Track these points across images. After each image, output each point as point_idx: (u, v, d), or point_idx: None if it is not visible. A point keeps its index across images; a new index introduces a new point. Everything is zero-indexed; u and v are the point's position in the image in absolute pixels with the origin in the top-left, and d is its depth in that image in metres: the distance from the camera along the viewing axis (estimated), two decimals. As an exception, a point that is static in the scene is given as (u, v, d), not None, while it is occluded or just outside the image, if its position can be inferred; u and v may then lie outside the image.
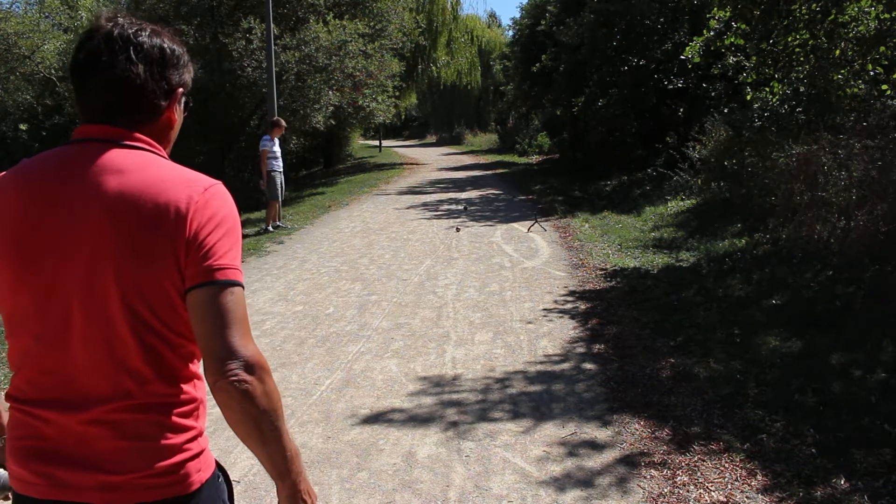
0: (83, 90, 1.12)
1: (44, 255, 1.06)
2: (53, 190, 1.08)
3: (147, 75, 1.12)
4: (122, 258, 1.05)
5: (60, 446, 1.06)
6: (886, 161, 5.25)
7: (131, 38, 1.12)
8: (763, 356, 3.91)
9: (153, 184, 1.08)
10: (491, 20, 38.03)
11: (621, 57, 12.52)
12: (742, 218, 7.29)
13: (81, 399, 1.06)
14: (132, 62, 1.11)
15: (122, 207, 1.06)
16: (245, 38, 13.25)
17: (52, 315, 1.07)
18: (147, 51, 1.14)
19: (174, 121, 1.21)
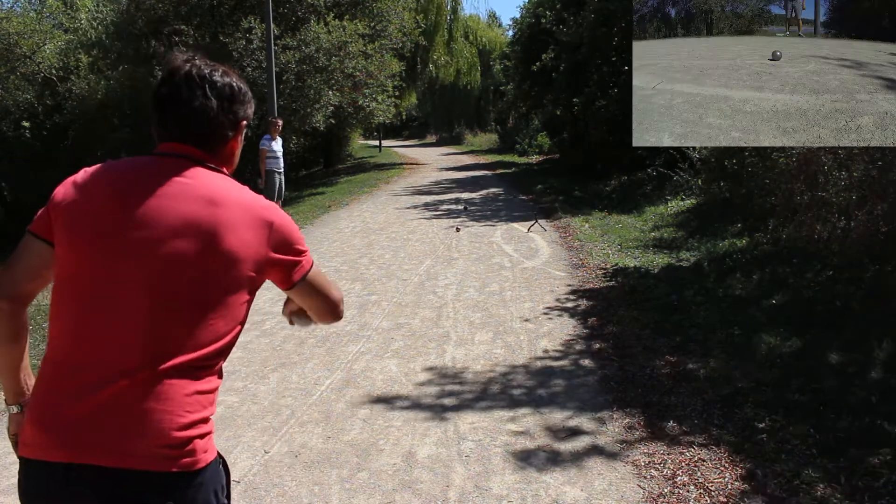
0: (163, 121, 1.33)
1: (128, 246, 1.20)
2: (145, 194, 1.23)
3: (219, 109, 1.31)
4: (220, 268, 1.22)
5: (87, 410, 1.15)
6: (886, 161, 5.24)
7: (207, 77, 1.31)
8: (763, 356, 3.91)
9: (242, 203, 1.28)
10: (491, 20, 38.02)
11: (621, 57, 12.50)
12: (742, 218, 7.29)
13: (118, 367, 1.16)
14: (207, 97, 1.29)
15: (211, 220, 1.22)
16: (245, 38, 13.25)
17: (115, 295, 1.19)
18: (220, 88, 1.31)
19: (237, 149, 1.40)
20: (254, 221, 1.26)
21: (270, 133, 9.68)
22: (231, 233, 1.22)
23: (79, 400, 1.15)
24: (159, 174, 1.26)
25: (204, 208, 1.23)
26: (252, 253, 1.25)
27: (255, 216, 1.27)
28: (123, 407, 1.15)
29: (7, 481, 2.90)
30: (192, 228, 1.21)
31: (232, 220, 1.23)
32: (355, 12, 16.00)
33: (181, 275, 1.20)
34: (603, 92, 12.44)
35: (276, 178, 9.71)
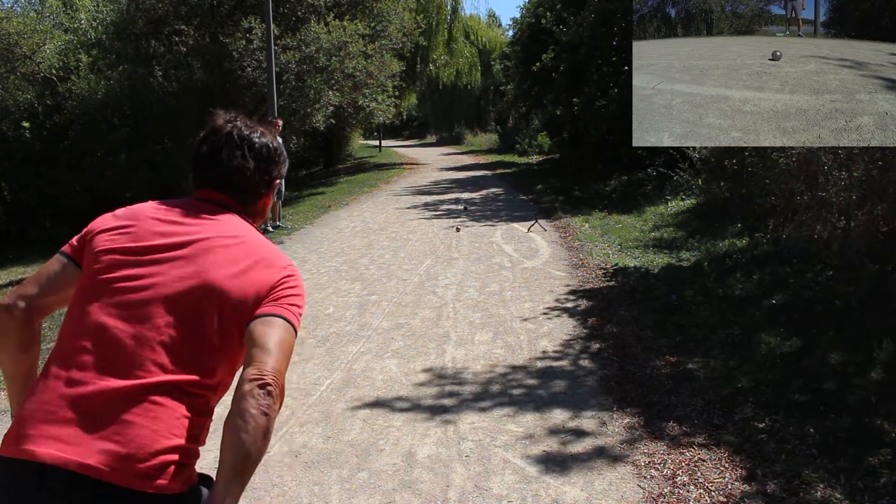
0: (203, 176, 1.42)
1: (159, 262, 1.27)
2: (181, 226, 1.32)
3: (255, 170, 1.41)
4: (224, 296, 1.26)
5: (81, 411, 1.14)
6: (886, 161, 5.24)
7: (246, 138, 1.40)
8: (763, 356, 3.91)
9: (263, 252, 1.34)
10: (491, 20, 38.01)
11: (621, 57, 12.50)
12: (742, 218, 7.28)
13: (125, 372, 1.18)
14: (246, 158, 1.39)
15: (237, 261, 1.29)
16: (245, 38, 13.25)
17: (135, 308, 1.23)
18: (258, 150, 1.41)
19: (268, 205, 1.50)
20: (272, 271, 1.31)
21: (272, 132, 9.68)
22: (252, 278, 1.28)
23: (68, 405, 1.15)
24: (198, 211, 1.36)
25: (233, 250, 1.30)
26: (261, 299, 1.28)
27: (275, 268, 1.32)
28: (113, 416, 1.14)
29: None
30: (219, 265, 1.27)
31: (256, 267, 1.29)
32: (355, 12, 15.99)
33: (199, 302, 1.23)
34: (603, 92, 12.43)
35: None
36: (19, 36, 14.20)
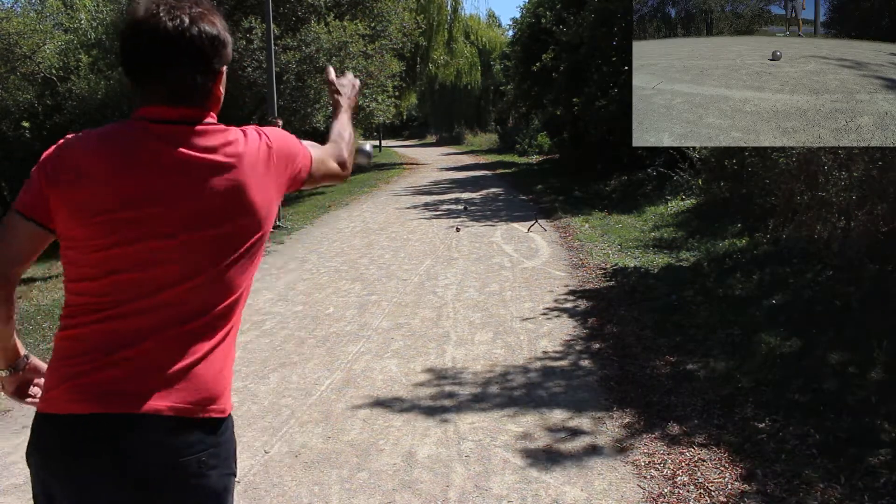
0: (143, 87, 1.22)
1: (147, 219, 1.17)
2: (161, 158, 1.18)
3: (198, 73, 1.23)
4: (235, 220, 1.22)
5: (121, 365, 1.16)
6: (886, 161, 5.24)
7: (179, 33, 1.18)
8: (763, 356, 3.91)
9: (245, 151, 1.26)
10: (491, 20, 38.00)
11: (621, 57, 12.50)
12: (742, 218, 7.28)
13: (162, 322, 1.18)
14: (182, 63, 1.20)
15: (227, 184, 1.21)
16: (245, 38, 13.25)
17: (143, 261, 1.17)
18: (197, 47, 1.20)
19: (221, 94, 1.30)
20: (260, 159, 1.24)
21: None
22: (248, 185, 1.21)
23: (115, 356, 1.16)
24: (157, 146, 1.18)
25: (212, 174, 1.19)
26: (268, 195, 1.25)
27: (259, 153, 1.24)
28: (161, 360, 1.17)
29: (7, 481, 2.90)
30: (207, 195, 1.18)
31: (243, 172, 1.21)
32: (355, 12, 16.00)
33: (205, 239, 1.19)
34: (603, 92, 12.43)
35: None
36: (19, 36, 14.21)
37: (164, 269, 1.17)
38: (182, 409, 1.16)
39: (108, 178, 1.16)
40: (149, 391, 1.14)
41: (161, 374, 1.16)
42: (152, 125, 1.19)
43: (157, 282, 1.17)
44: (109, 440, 1.13)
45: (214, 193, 1.18)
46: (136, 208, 1.16)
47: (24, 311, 5.90)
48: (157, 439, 1.14)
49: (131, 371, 1.15)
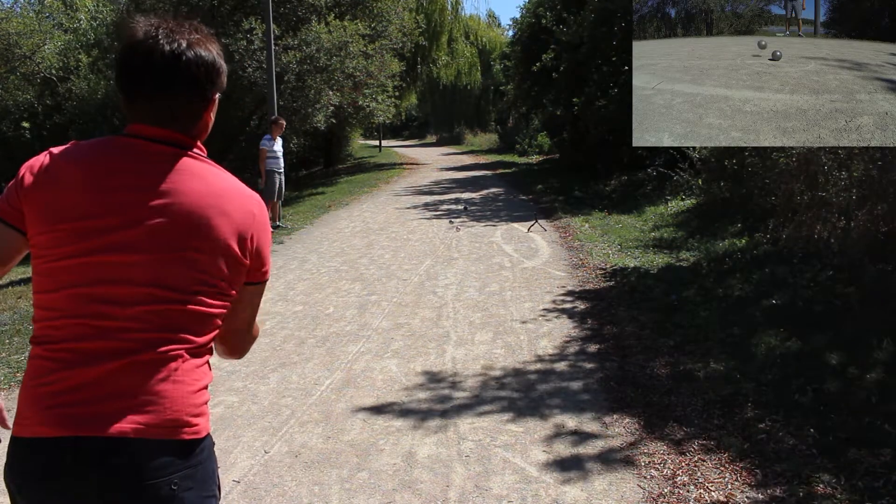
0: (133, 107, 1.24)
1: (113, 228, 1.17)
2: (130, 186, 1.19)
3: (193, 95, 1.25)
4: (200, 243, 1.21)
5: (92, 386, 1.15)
6: (886, 161, 5.24)
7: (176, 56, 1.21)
8: (763, 356, 3.91)
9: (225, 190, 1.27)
10: (491, 20, 38.01)
11: (621, 57, 12.51)
12: (742, 218, 7.28)
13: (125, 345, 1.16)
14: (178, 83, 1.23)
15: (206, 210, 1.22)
16: (246, 39, 13.25)
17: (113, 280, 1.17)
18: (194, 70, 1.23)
19: (210, 122, 1.31)
20: (242, 209, 1.25)
21: (272, 133, 9.65)
22: (220, 219, 1.21)
23: (82, 378, 1.15)
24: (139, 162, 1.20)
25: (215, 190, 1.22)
26: (238, 239, 1.24)
27: (243, 204, 1.26)
28: (128, 382, 1.15)
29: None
30: (181, 218, 1.18)
31: (220, 208, 1.22)
32: (356, 12, 16.00)
33: (176, 262, 1.18)
34: (603, 92, 12.43)
35: (277, 178, 9.69)
36: (19, 36, 14.22)
37: (129, 288, 1.16)
38: (150, 432, 1.14)
39: (81, 187, 1.16)
40: (117, 413, 1.13)
41: (130, 396, 1.15)
42: (137, 141, 1.20)
43: (121, 299, 1.16)
44: (79, 463, 1.12)
45: (185, 217, 1.18)
46: (103, 220, 1.15)
47: (24, 311, 5.90)
48: (126, 462, 1.13)
49: (99, 392, 1.14)
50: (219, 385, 3.90)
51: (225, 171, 1.28)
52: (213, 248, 1.20)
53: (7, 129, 14.23)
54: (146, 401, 1.15)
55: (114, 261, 1.16)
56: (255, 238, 1.27)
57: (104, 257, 1.16)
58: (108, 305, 1.16)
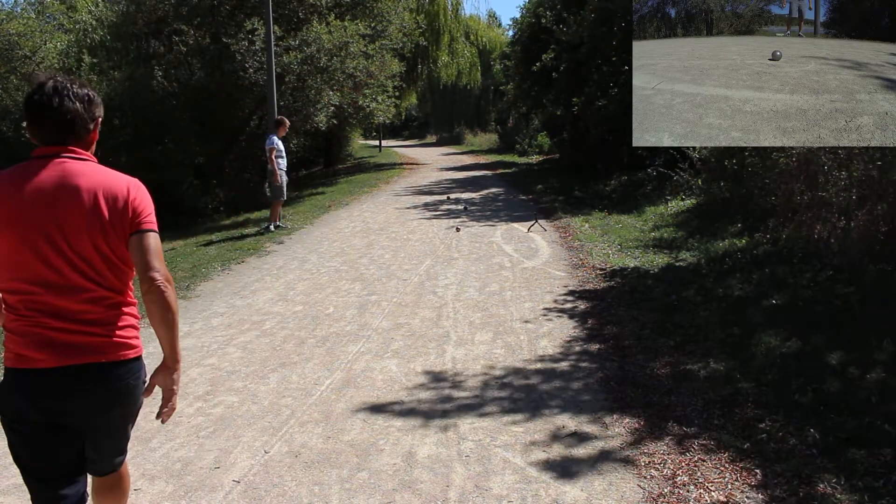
0: (41, 126, 1.88)
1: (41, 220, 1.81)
2: (46, 182, 1.83)
3: (82, 110, 1.89)
4: (94, 221, 1.83)
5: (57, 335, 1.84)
6: (886, 161, 5.24)
7: (68, 88, 1.86)
8: (763, 356, 3.91)
9: (102, 181, 1.87)
10: (491, 20, 38.02)
11: (621, 57, 12.51)
12: (742, 218, 7.29)
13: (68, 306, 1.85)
14: (73, 102, 1.86)
15: (90, 194, 1.83)
16: (247, 39, 13.24)
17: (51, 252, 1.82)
18: (80, 96, 1.89)
19: (95, 138, 1.98)
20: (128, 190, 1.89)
21: (278, 133, 9.63)
22: (102, 194, 1.84)
23: (46, 328, 1.82)
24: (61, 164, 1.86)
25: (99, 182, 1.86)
26: (129, 208, 1.86)
27: (128, 188, 1.90)
28: (85, 321, 1.84)
29: (7, 481, 2.90)
30: (78, 193, 1.82)
31: (116, 188, 1.87)
32: (356, 12, 16.00)
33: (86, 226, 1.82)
34: (603, 92, 12.43)
35: (283, 177, 9.75)
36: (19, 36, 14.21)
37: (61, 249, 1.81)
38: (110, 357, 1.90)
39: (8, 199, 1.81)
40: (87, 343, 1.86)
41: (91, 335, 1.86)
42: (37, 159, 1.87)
43: (61, 261, 1.82)
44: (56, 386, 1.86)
45: (81, 200, 1.82)
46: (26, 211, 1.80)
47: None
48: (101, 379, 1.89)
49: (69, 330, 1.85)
50: (219, 385, 3.90)
51: (98, 166, 1.92)
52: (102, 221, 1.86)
53: (7, 130, 14.21)
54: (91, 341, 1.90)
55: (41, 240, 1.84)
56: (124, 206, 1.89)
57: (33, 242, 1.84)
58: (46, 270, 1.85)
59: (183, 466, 2.96)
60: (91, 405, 1.89)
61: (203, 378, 4.02)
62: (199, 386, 3.90)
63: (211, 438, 3.22)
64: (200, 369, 4.17)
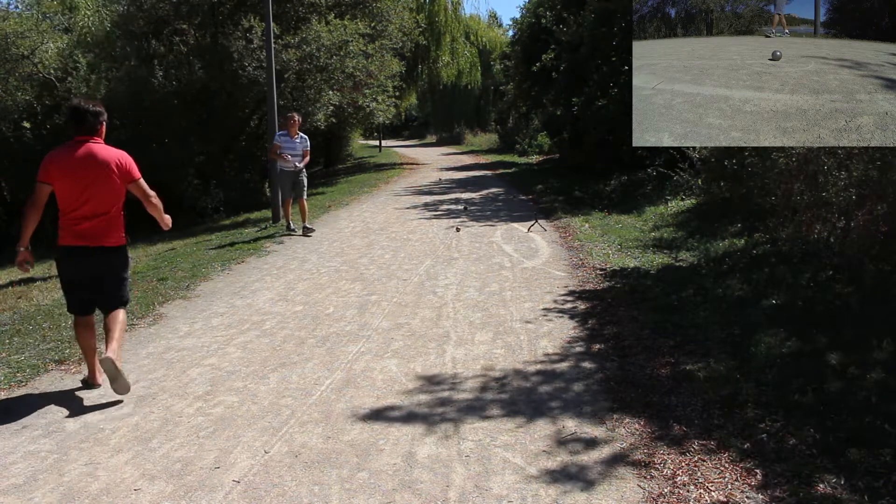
0: (78, 127, 3.83)
1: (81, 175, 3.75)
2: (81, 154, 3.78)
3: (94, 119, 3.86)
4: (107, 177, 3.80)
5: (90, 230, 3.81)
6: (886, 161, 5.24)
7: (88, 107, 3.86)
8: (762, 356, 3.91)
9: (114, 154, 3.86)
10: (491, 20, 38.00)
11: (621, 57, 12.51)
12: (742, 218, 7.29)
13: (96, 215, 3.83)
14: (92, 114, 3.85)
15: (103, 161, 3.81)
16: (245, 38, 13.23)
17: (87, 192, 3.77)
18: (92, 111, 3.86)
19: (103, 132, 3.94)
20: (119, 160, 3.84)
21: (289, 131, 9.02)
22: (117, 163, 3.82)
23: (87, 227, 3.77)
24: (86, 146, 3.79)
25: (105, 155, 3.80)
26: (118, 169, 3.81)
27: (120, 158, 3.85)
28: (101, 228, 3.80)
29: (7, 481, 2.90)
30: (103, 162, 3.78)
31: (114, 159, 3.82)
32: (356, 12, 15.99)
33: (102, 178, 3.77)
34: (603, 92, 12.43)
35: (287, 177, 9.14)
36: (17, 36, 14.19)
37: (92, 191, 3.76)
38: (111, 242, 3.87)
39: (65, 163, 3.75)
40: (99, 237, 3.81)
41: (103, 231, 3.83)
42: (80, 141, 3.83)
43: (91, 198, 3.76)
44: (89, 254, 3.83)
45: (101, 164, 3.78)
46: (76, 170, 3.74)
47: (24, 310, 5.90)
48: (108, 252, 3.88)
49: (92, 232, 3.80)
50: (219, 385, 3.90)
51: (108, 147, 3.88)
52: (113, 175, 3.83)
53: (7, 130, 14.20)
54: (107, 233, 3.87)
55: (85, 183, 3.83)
56: (122, 168, 3.86)
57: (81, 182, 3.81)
58: (87, 199, 3.80)
59: (183, 466, 2.96)
60: (104, 266, 3.88)
61: (203, 378, 4.02)
62: (199, 386, 3.90)
63: (211, 438, 3.22)
64: (200, 369, 4.17)
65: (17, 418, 3.55)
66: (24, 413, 3.62)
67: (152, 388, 3.88)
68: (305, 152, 9.21)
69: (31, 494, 2.79)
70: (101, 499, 2.73)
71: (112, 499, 2.72)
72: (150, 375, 4.09)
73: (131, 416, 3.51)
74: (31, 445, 3.24)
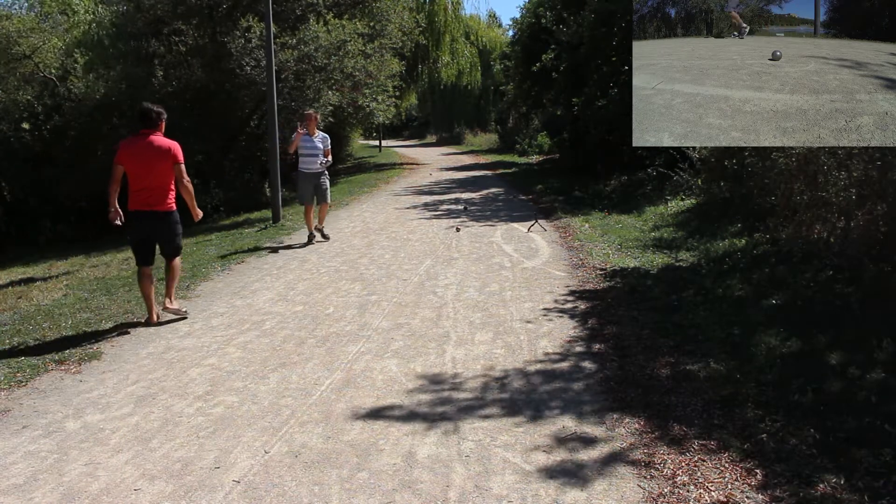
0: (144, 123, 5.20)
1: (144, 158, 5.11)
2: (145, 142, 5.13)
3: (157, 117, 5.24)
4: (162, 159, 5.15)
5: (150, 199, 5.19)
6: (886, 161, 5.24)
7: (152, 108, 5.26)
8: (762, 356, 3.91)
9: (167, 142, 5.20)
10: (491, 20, 38.01)
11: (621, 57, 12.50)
12: (742, 218, 7.29)
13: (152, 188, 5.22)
14: (155, 114, 5.24)
15: (159, 148, 5.16)
16: (244, 37, 13.23)
17: (148, 170, 5.13)
18: (156, 111, 5.27)
19: (163, 127, 5.29)
20: (171, 147, 5.16)
21: (309, 129, 8.36)
22: (169, 149, 5.14)
23: (147, 196, 5.15)
24: (149, 136, 5.15)
25: (161, 143, 5.15)
26: (170, 153, 5.14)
27: (171, 146, 5.16)
28: (158, 197, 5.16)
29: (7, 481, 2.90)
30: (160, 148, 5.13)
31: (167, 146, 5.15)
32: (355, 12, 15.98)
33: (158, 160, 5.12)
34: (603, 92, 12.42)
35: (308, 180, 8.42)
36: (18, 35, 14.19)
37: (151, 169, 5.11)
38: (165, 208, 5.22)
39: (133, 150, 5.15)
40: (156, 203, 5.17)
41: (159, 199, 5.18)
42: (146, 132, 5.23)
43: (150, 175, 5.11)
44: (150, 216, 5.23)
45: (158, 150, 5.13)
46: (140, 154, 5.13)
47: (24, 310, 5.90)
48: (163, 216, 5.24)
49: (151, 200, 5.17)
50: (219, 385, 3.90)
51: (166, 139, 5.25)
52: (169, 158, 5.17)
53: (7, 130, 14.20)
54: (161, 201, 5.22)
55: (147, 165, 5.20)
56: (174, 153, 5.19)
57: (143, 164, 5.19)
58: (148, 176, 5.16)
59: (183, 466, 2.96)
60: (159, 223, 5.18)
61: (203, 378, 4.02)
62: (199, 386, 3.90)
63: (211, 438, 3.22)
64: (200, 369, 4.17)
65: (17, 418, 3.55)
66: (24, 413, 3.62)
67: (152, 389, 3.88)
68: (327, 151, 8.48)
69: (31, 494, 2.79)
70: (101, 499, 2.73)
71: (112, 499, 2.72)
72: (150, 375, 4.09)
73: (131, 416, 3.51)
74: (31, 445, 3.24)
